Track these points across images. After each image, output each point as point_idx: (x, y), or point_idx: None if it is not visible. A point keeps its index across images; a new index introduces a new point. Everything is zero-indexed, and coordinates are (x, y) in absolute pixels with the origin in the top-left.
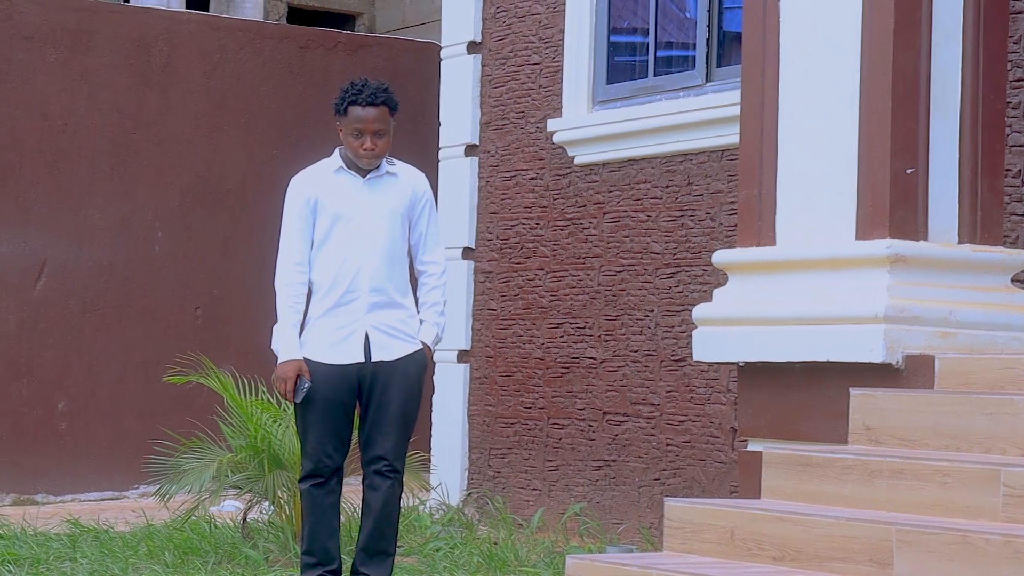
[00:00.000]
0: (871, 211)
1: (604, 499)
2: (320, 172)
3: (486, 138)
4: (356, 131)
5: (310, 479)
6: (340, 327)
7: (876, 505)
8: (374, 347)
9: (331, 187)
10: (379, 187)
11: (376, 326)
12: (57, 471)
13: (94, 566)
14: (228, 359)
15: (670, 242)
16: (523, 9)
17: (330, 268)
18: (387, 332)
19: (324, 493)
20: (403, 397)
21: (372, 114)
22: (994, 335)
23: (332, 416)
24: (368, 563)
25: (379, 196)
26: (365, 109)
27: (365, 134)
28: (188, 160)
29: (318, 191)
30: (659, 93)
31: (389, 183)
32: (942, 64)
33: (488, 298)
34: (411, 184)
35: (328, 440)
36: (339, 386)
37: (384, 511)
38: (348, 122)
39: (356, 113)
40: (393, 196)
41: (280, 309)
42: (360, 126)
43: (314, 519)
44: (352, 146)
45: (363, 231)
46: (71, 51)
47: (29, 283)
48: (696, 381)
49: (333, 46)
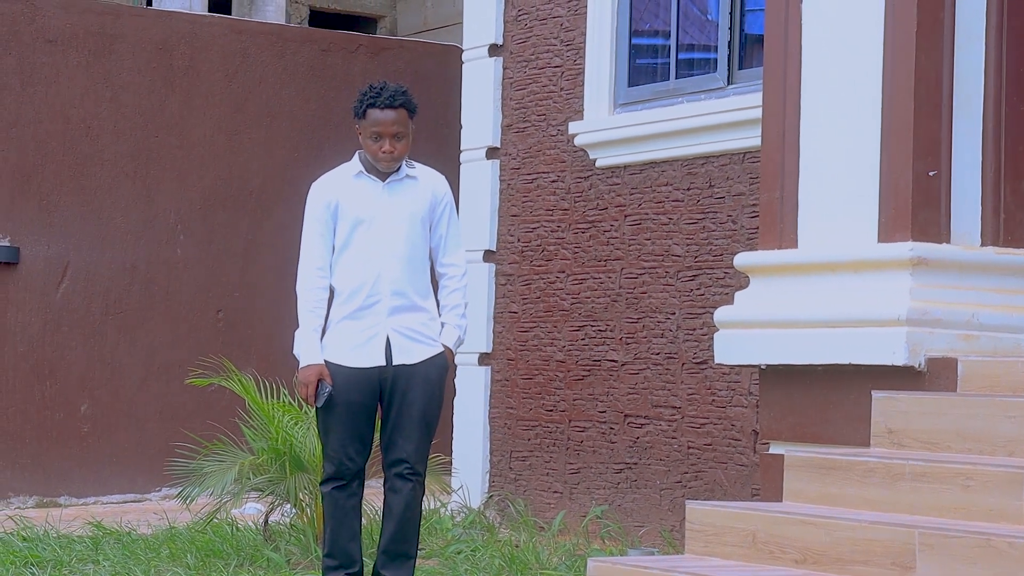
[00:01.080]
0: (893, 213)
1: (625, 502)
2: (340, 177)
3: (507, 141)
4: (375, 134)
5: (331, 482)
6: (362, 330)
7: (898, 508)
8: (395, 350)
9: (351, 192)
10: (399, 190)
11: (397, 329)
12: (80, 473)
13: (116, 568)
14: (250, 362)
15: (691, 244)
16: (544, 12)
17: (351, 272)
18: (408, 336)
19: (346, 496)
20: (424, 400)
21: (391, 117)
22: (1017, 338)
23: (353, 419)
24: (389, 565)
25: (399, 199)
26: (384, 112)
27: (384, 137)
28: (210, 163)
29: (339, 196)
30: (681, 95)
31: (409, 186)
32: (965, 66)
33: (509, 301)
34: (431, 187)
35: (350, 443)
36: (361, 389)
37: (406, 514)
38: (367, 125)
39: (375, 116)
40: (413, 199)
41: (301, 314)
42: (379, 129)
43: (336, 522)
44: (371, 149)
45: (383, 235)
46: (94, 55)
47: (52, 286)
48: (718, 384)
49: (355, 49)
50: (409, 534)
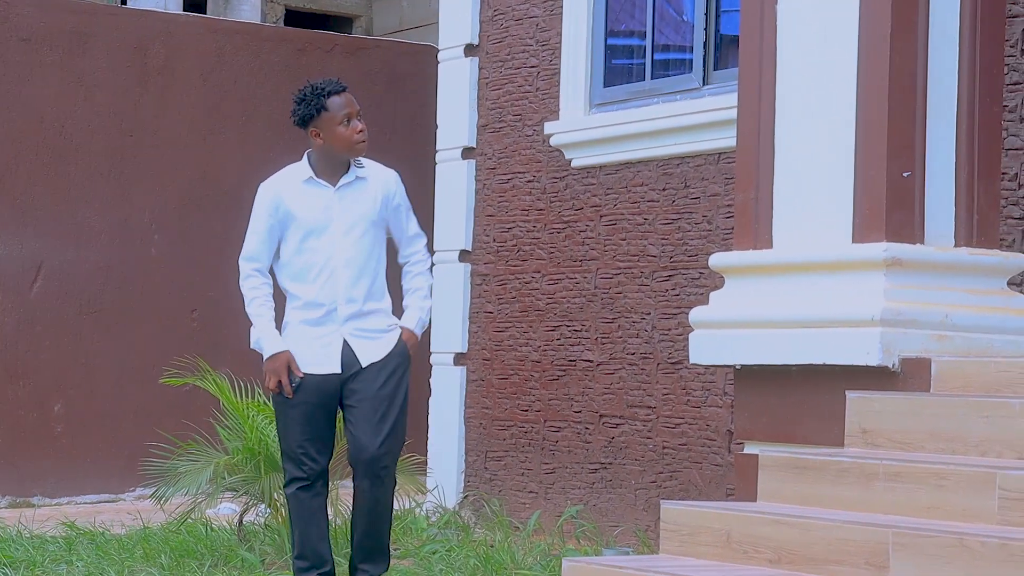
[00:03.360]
0: (867, 214)
1: (600, 502)
2: (289, 180)
3: (483, 141)
4: (346, 116)
5: (295, 483)
6: (318, 337)
7: (872, 508)
8: (359, 353)
9: (301, 198)
10: (349, 195)
11: (353, 333)
12: (53, 473)
13: (90, 569)
14: (225, 361)
15: (667, 245)
16: (520, 12)
17: (305, 281)
18: (365, 336)
19: (311, 496)
20: (386, 392)
21: (349, 98)
22: (990, 338)
23: (313, 421)
24: (366, 560)
25: (350, 205)
26: (340, 96)
27: (353, 117)
28: (185, 162)
29: (288, 201)
30: (656, 96)
31: (359, 189)
32: (939, 68)
33: (485, 301)
34: (382, 186)
35: (311, 444)
36: (318, 393)
37: (376, 508)
38: (333, 116)
39: (336, 102)
40: (364, 203)
41: (251, 309)
42: (347, 110)
43: (303, 523)
44: (344, 136)
45: (335, 244)
46: (68, 53)
47: (26, 285)
48: (693, 384)
49: (331, 49)
50: (381, 527)
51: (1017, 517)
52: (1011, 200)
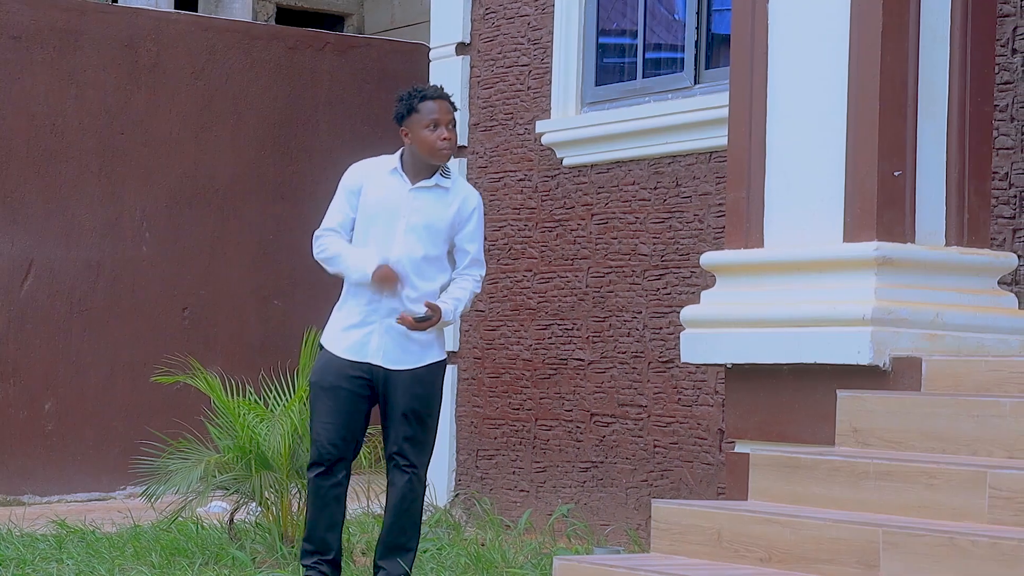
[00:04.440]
0: (859, 213)
1: (591, 501)
2: (377, 166)
3: (475, 139)
4: (433, 122)
5: (314, 468)
6: (359, 325)
7: (863, 507)
8: (389, 352)
9: (379, 185)
10: (422, 198)
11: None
12: (44, 472)
13: (80, 567)
14: (215, 360)
15: (658, 244)
16: (512, 11)
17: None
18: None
19: (328, 485)
20: (419, 393)
21: (443, 106)
22: (981, 337)
23: (342, 406)
24: (386, 556)
25: (419, 207)
26: (435, 102)
27: (441, 124)
28: (176, 160)
29: (366, 183)
30: (647, 95)
31: (435, 196)
32: (930, 67)
33: (476, 299)
34: (460, 202)
35: (334, 430)
36: (348, 378)
37: (401, 506)
38: (421, 118)
39: (429, 106)
40: (435, 210)
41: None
42: (436, 116)
43: (316, 509)
44: (428, 140)
45: (396, 239)
46: (59, 51)
47: (16, 283)
48: (684, 383)
49: (322, 47)
50: (407, 526)
51: (1007, 516)
52: (1002, 199)
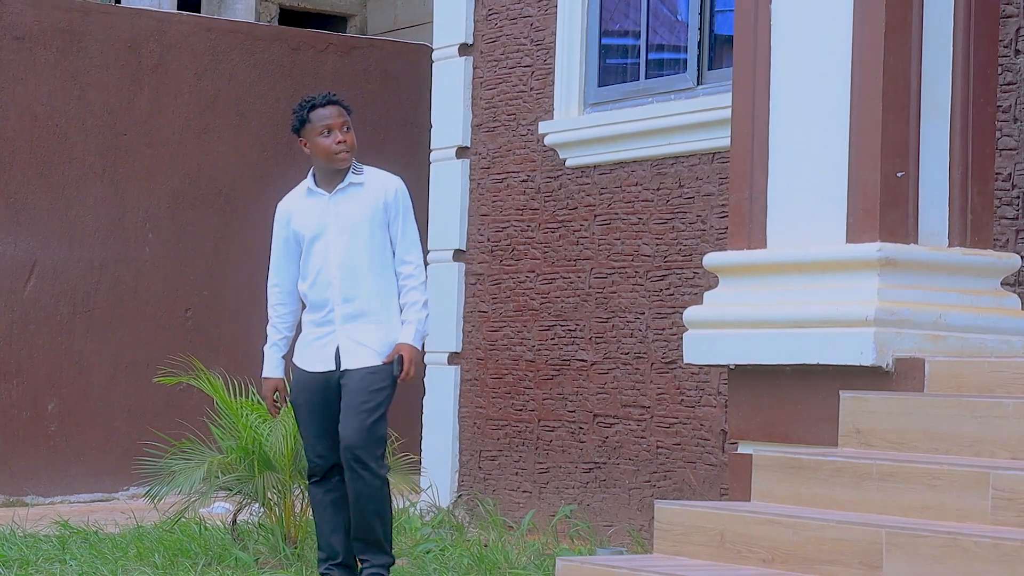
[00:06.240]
0: (861, 214)
1: (594, 501)
2: (296, 195)
3: (477, 140)
4: (325, 128)
5: (311, 478)
6: (319, 337)
7: (866, 508)
8: (343, 355)
9: (303, 209)
10: (343, 200)
11: (348, 336)
12: (47, 472)
13: (83, 568)
14: (218, 360)
15: (661, 244)
16: (515, 11)
17: (310, 285)
18: (356, 342)
19: (323, 492)
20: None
21: (333, 111)
22: (984, 338)
23: (318, 418)
24: (362, 551)
25: (342, 210)
26: (325, 108)
27: (334, 129)
28: (179, 161)
29: (293, 214)
30: (650, 96)
31: (354, 195)
32: (933, 67)
33: (479, 300)
34: (381, 190)
35: (318, 441)
36: (319, 390)
37: (359, 501)
38: (313, 127)
39: (319, 113)
40: (358, 207)
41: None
42: (327, 123)
43: (317, 516)
44: (324, 147)
45: (331, 247)
46: (62, 52)
47: (19, 284)
48: (687, 383)
49: (325, 48)
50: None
51: (1010, 517)
52: (1005, 200)
